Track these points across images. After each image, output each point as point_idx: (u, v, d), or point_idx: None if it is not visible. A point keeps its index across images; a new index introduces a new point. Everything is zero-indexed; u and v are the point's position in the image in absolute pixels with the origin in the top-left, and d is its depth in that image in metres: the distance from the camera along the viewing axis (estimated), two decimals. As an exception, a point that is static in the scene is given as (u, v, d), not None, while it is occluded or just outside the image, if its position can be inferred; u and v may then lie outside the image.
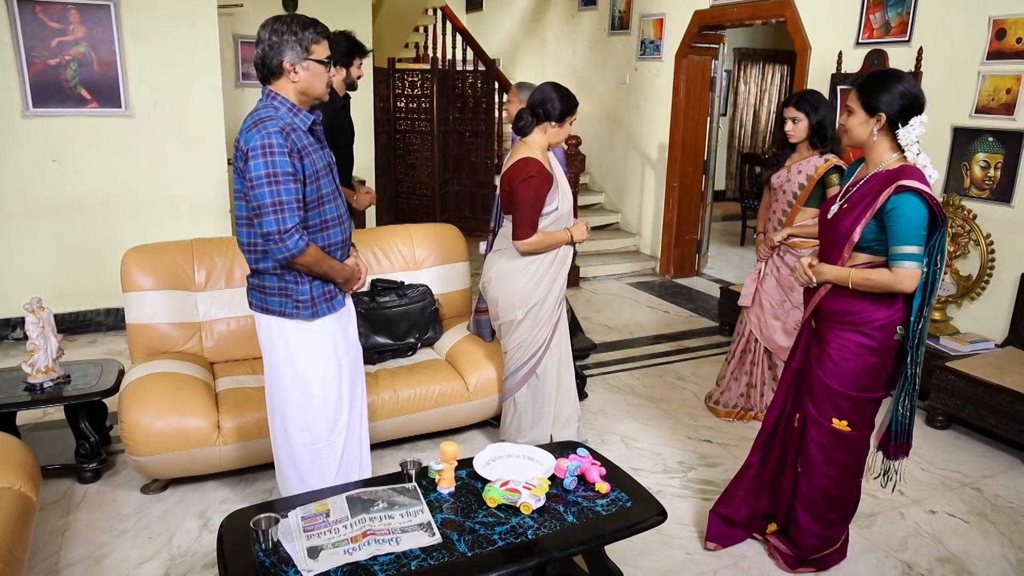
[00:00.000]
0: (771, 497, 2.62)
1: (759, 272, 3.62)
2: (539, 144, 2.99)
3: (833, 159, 3.33)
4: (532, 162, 2.91)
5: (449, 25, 8.31)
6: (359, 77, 3.58)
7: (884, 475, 2.45)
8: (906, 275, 2.15)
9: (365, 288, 2.88)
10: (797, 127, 3.35)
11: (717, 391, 3.83)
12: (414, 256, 3.80)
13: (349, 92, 3.60)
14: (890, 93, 2.19)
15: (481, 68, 7.31)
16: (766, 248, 3.55)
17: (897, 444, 2.38)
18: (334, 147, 3.09)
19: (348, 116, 3.67)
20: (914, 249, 2.14)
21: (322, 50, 2.23)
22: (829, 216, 2.35)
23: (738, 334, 3.75)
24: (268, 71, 2.22)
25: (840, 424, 2.36)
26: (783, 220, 3.48)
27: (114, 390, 2.99)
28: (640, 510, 2.14)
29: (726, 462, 3.29)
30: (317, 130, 2.35)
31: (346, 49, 3.43)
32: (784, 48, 7.67)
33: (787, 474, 2.55)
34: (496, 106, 7.10)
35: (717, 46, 6.10)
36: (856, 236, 2.22)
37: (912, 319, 2.23)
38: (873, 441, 2.45)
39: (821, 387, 2.36)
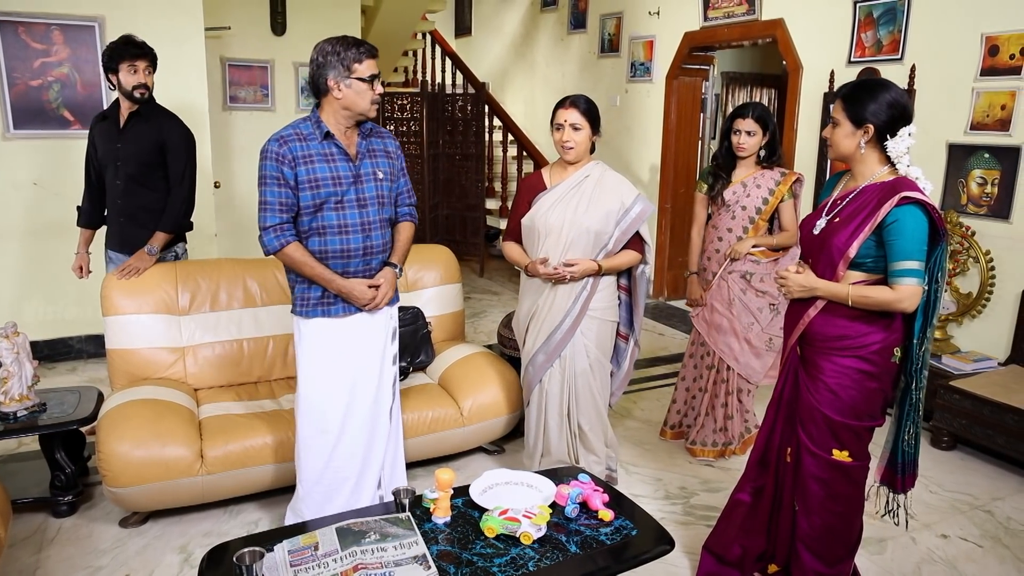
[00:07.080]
0: (767, 536, 2.42)
1: (720, 289, 3.36)
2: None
3: (793, 172, 3.30)
4: (533, 172, 3.08)
5: (438, 49, 8.32)
6: (136, 87, 3.18)
7: (890, 513, 2.30)
8: (908, 292, 2.00)
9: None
10: (752, 140, 3.23)
11: (693, 431, 3.51)
12: (406, 277, 3.71)
13: (134, 101, 3.22)
14: (876, 102, 2.04)
15: (471, 91, 7.29)
16: (728, 261, 3.31)
17: (904, 476, 2.24)
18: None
19: (112, 131, 3.27)
20: (916, 265, 1.99)
21: (365, 69, 2.33)
22: (816, 231, 2.17)
23: (701, 365, 3.47)
24: (316, 89, 2.37)
25: (841, 455, 2.17)
26: (743, 238, 3.32)
27: (92, 418, 2.87)
28: (646, 539, 2.03)
29: (729, 486, 3.17)
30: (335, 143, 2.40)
31: (107, 56, 3.17)
32: (771, 72, 7.69)
33: (784, 512, 2.35)
34: (486, 129, 7.06)
35: (707, 67, 6.10)
36: (852, 252, 2.06)
37: (915, 341, 2.11)
38: (875, 477, 2.30)
39: (818, 418, 2.17)
